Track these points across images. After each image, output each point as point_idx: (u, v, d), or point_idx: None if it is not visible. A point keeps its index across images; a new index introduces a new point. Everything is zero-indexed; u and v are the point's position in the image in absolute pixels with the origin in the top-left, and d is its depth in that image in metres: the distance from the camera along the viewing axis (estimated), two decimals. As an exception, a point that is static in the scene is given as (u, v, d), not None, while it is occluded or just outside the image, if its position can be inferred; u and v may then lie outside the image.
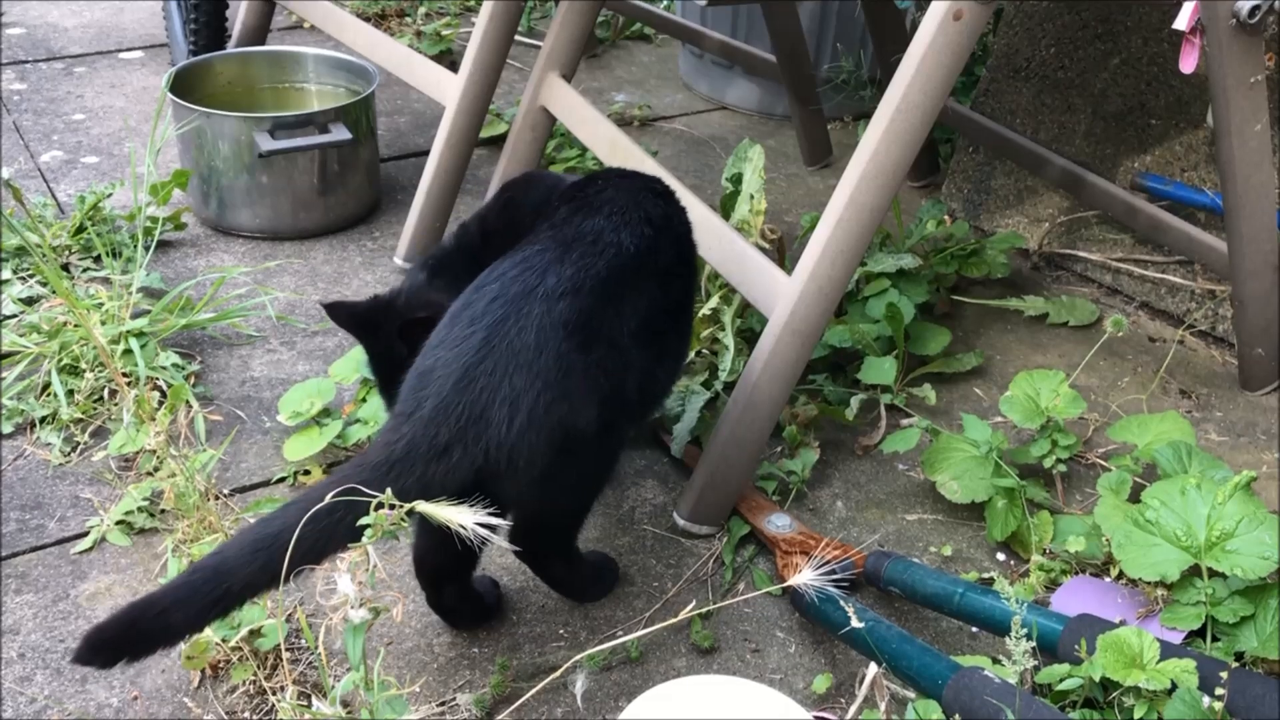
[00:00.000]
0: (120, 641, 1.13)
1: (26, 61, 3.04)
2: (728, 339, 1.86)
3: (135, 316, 1.88)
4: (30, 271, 2.05)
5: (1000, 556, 1.63)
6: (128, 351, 1.80)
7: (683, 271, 1.46)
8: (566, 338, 1.22)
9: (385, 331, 1.48)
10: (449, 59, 3.11)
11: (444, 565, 1.40)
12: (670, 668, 1.43)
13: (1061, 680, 1.24)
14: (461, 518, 1.06)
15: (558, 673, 1.25)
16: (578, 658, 1.34)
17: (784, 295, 1.57)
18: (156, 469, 1.63)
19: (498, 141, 2.57)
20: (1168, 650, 1.22)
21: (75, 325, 1.82)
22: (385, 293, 1.55)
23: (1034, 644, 1.24)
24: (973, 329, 2.14)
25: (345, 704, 1.26)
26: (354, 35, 2.47)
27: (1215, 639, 1.33)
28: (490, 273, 1.29)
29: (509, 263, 1.29)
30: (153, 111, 2.39)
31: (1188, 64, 1.70)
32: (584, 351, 1.24)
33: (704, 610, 1.49)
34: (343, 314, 1.52)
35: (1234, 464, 1.73)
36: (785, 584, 1.44)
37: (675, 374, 1.52)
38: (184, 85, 2.35)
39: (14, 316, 1.93)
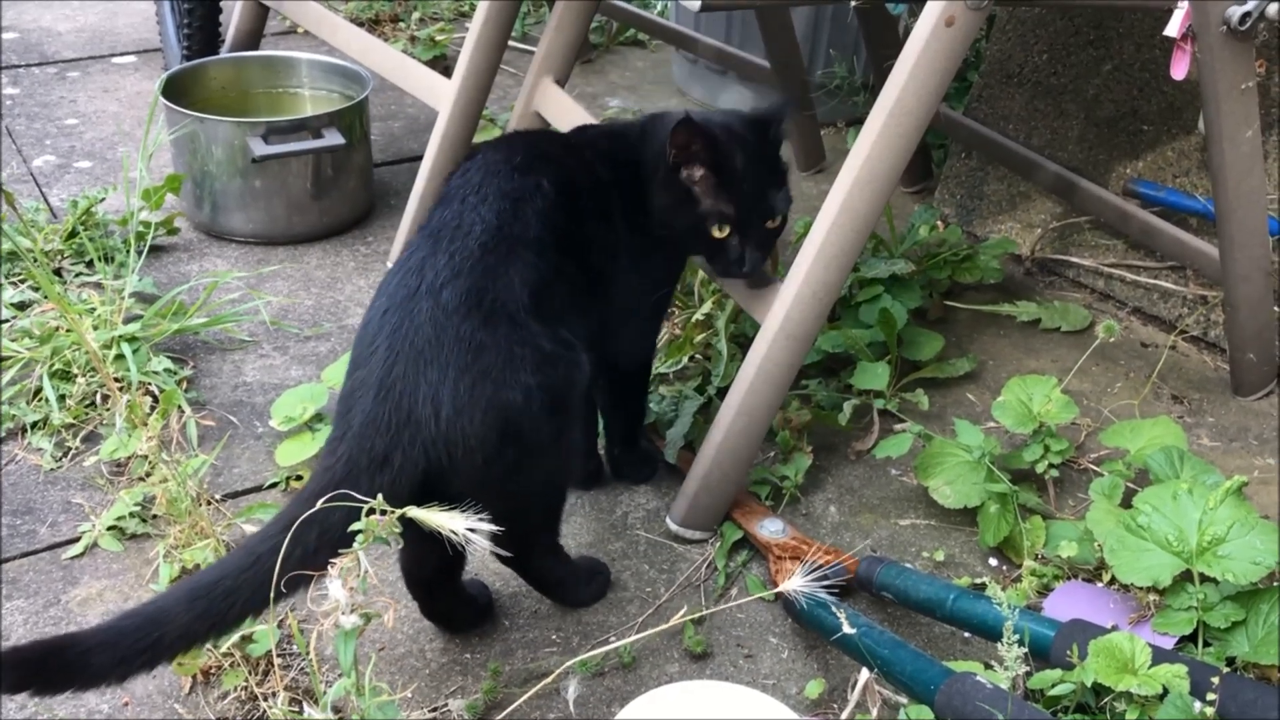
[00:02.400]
0: (34, 669, 1.08)
1: (19, 66, 3.04)
2: (721, 344, 1.86)
3: (127, 321, 1.88)
4: (22, 276, 2.05)
5: (993, 561, 1.63)
6: (120, 356, 1.80)
7: (567, 237, 1.36)
8: (463, 319, 1.23)
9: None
10: (443, 64, 3.11)
11: (433, 572, 1.40)
12: (663, 673, 1.43)
13: (1054, 685, 1.25)
14: (453, 523, 1.06)
15: (550, 678, 1.24)
16: (570, 663, 1.34)
17: (777, 300, 1.57)
18: (148, 474, 1.62)
19: (491, 146, 2.57)
20: (1159, 655, 1.23)
21: (67, 330, 1.82)
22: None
23: (1026, 649, 1.24)
24: (965, 334, 2.14)
25: (337, 710, 1.26)
26: (348, 40, 2.47)
27: (1207, 644, 1.33)
28: (380, 288, 1.32)
29: (391, 272, 1.31)
30: (146, 116, 2.38)
31: (1179, 70, 1.70)
32: (488, 329, 1.23)
33: (697, 616, 1.49)
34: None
35: (1226, 469, 1.73)
36: (777, 589, 1.44)
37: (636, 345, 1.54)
38: (177, 90, 2.35)
39: (6, 321, 1.93)
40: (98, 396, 1.79)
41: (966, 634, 1.48)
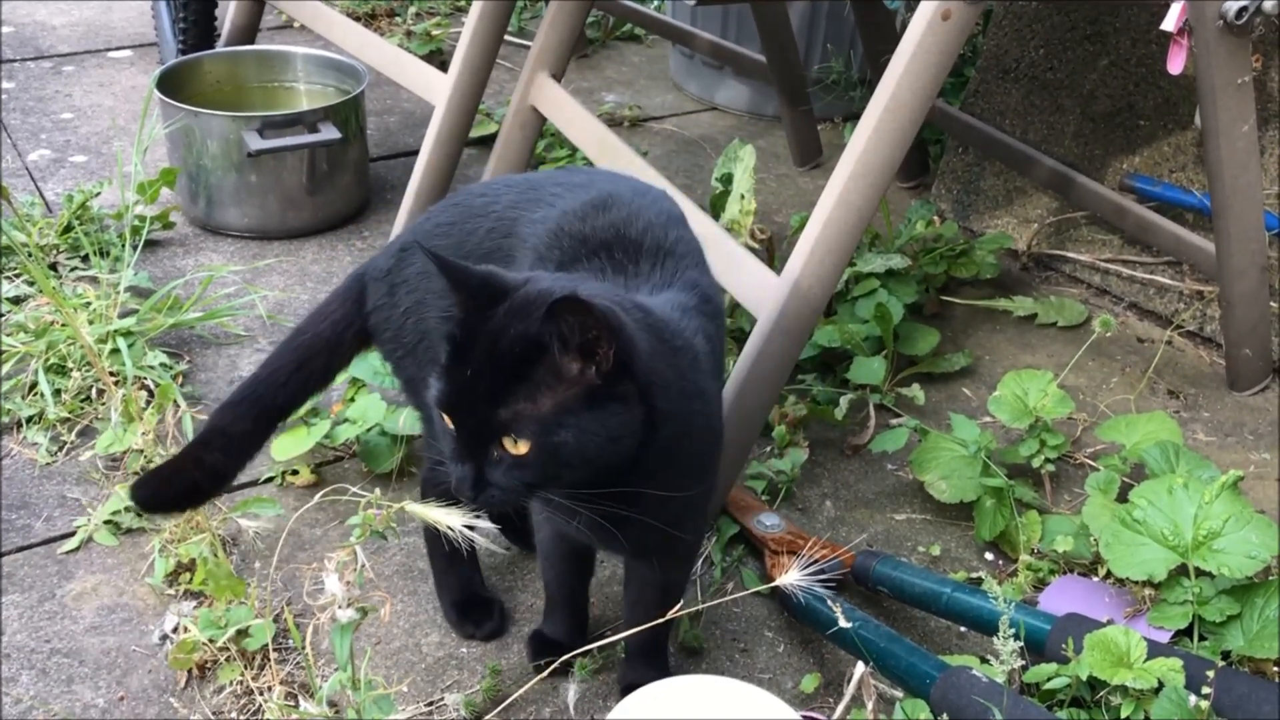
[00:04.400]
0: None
1: (14, 60, 3.03)
2: (717, 339, 1.86)
3: (123, 316, 1.88)
4: (17, 271, 2.04)
5: (988, 556, 1.63)
6: (115, 351, 1.80)
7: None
8: None
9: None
10: (439, 59, 3.11)
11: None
12: (659, 667, 1.43)
13: (1049, 679, 1.25)
14: (450, 519, 1.05)
15: (546, 673, 1.24)
16: (566, 657, 1.34)
17: (773, 295, 1.57)
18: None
19: (487, 141, 2.56)
20: (1155, 649, 1.23)
21: (62, 324, 1.82)
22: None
23: (1022, 643, 1.25)
24: (961, 329, 2.14)
25: (332, 704, 1.26)
26: (344, 35, 2.47)
27: (1202, 638, 1.33)
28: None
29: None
30: (141, 111, 2.38)
31: (1175, 65, 1.70)
32: None
33: (693, 610, 1.49)
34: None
35: (1221, 464, 1.73)
36: (773, 583, 1.44)
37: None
38: (172, 84, 2.34)
39: (1, 316, 1.92)
40: (93, 391, 1.79)
41: (962, 628, 1.49)
